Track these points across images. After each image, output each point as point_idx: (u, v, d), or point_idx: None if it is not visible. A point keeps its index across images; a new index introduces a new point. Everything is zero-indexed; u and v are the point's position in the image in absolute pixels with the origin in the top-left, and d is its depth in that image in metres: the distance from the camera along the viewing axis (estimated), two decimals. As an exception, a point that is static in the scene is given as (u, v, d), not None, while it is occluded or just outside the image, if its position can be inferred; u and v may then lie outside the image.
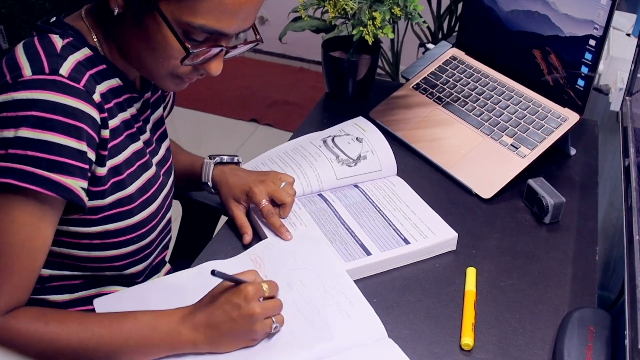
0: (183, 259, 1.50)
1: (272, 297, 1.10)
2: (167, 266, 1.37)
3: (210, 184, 1.38)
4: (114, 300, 1.14)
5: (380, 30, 1.52)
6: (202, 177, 1.39)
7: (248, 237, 1.30)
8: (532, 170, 1.48)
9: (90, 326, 1.03)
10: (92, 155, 1.04)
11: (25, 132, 0.97)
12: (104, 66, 1.10)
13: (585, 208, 1.45)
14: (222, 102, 3.62)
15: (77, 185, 1.01)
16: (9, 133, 0.98)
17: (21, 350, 1.01)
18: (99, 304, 1.13)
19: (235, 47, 1.11)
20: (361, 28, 1.53)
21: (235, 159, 1.42)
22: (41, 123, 0.98)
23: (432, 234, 1.30)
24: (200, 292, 1.12)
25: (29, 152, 0.97)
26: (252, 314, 1.05)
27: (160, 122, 1.29)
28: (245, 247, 1.29)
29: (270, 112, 3.57)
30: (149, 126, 1.23)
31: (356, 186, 1.43)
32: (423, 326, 1.16)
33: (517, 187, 1.47)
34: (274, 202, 1.32)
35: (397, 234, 1.30)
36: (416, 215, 1.35)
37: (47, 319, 1.02)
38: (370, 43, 1.54)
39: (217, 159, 1.40)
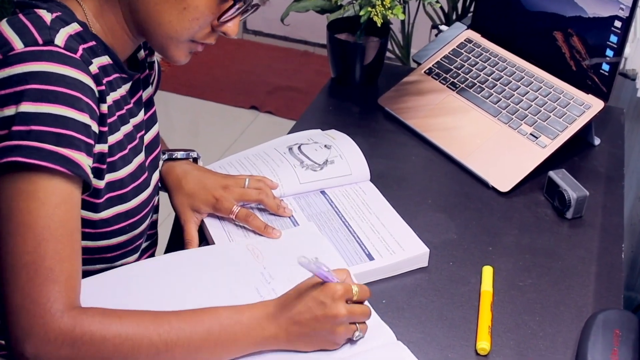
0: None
1: (360, 302, 1.08)
2: None
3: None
4: (95, 284, 1.11)
5: (390, 11, 1.51)
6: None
7: (194, 244, 1.27)
8: (553, 161, 1.48)
9: (168, 320, 1.01)
10: (96, 128, 1.04)
11: (27, 107, 0.97)
12: (94, 43, 1.10)
13: (610, 202, 1.45)
14: (221, 89, 3.62)
15: (85, 161, 1.01)
16: (10, 111, 0.98)
17: (96, 350, 0.97)
18: None
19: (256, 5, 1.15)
20: (369, 8, 1.52)
21: (192, 155, 1.38)
22: (42, 95, 0.98)
23: (400, 249, 1.26)
24: (187, 275, 1.13)
25: (33, 127, 0.97)
26: (337, 315, 1.03)
27: (151, 101, 1.29)
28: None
29: (271, 98, 3.57)
30: (141, 107, 1.23)
31: (323, 193, 1.40)
32: (436, 329, 1.15)
33: (537, 179, 1.47)
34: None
35: (362, 248, 1.27)
36: (385, 228, 1.31)
37: (120, 314, 1.00)
38: (379, 25, 1.53)
39: (166, 155, 1.35)
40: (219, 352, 1.03)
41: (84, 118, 1.01)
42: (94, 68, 1.05)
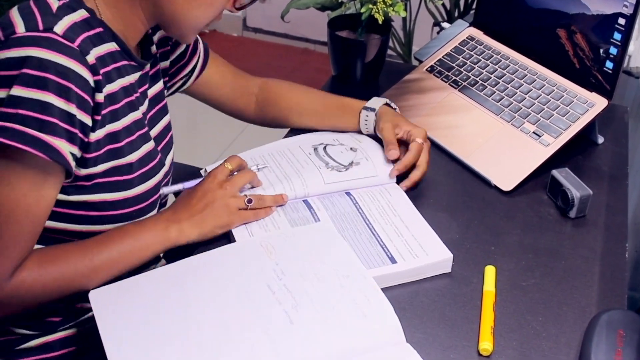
0: (179, 257, 1.50)
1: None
2: (162, 261, 1.39)
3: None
4: (111, 292, 1.15)
5: (392, 8, 1.51)
6: (362, 127, 1.51)
7: (395, 152, 1.41)
8: (556, 160, 1.48)
9: (90, 250, 1.16)
10: (85, 118, 1.08)
11: (17, 91, 1.02)
12: (101, 29, 1.14)
13: (614, 201, 1.45)
14: (220, 86, 3.62)
15: (66, 149, 1.06)
16: (2, 93, 1.03)
17: (40, 298, 1.14)
18: (95, 296, 1.14)
19: None
20: (370, 5, 1.52)
21: (392, 104, 1.52)
22: (33, 81, 1.03)
23: (424, 253, 1.26)
24: (202, 281, 1.15)
25: (20, 111, 1.02)
26: (215, 181, 1.26)
27: (160, 97, 1.33)
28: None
29: (271, 96, 3.56)
30: (146, 100, 1.27)
31: (348, 194, 1.39)
32: (438, 330, 1.15)
33: (540, 178, 1.47)
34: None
35: (385, 251, 1.26)
36: (409, 231, 1.30)
37: (50, 260, 1.13)
38: (380, 22, 1.53)
39: (373, 112, 1.49)
40: (136, 260, 1.20)
41: (69, 107, 1.05)
42: (91, 58, 1.09)
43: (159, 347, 1.06)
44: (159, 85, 1.32)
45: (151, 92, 1.29)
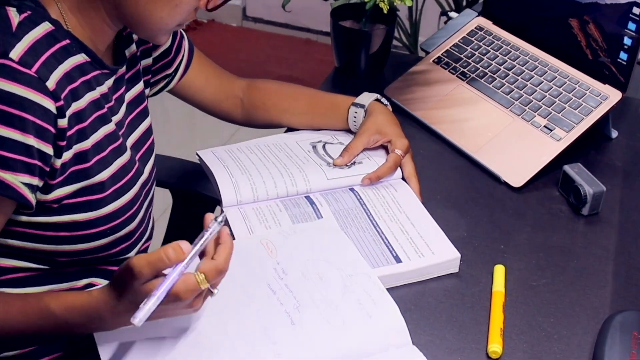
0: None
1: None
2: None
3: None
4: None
5: (397, -3, 1.51)
6: (350, 125, 1.50)
7: (340, 160, 1.41)
8: (568, 155, 1.48)
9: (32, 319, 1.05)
10: (45, 148, 1.04)
11: None
12: (68, 41, 1.10)
13: (629, 198, 1.44)
14: (219, 78, 3.62)
15: (18, 181, 1.02)
16: None
17: None
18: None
19: None
20: (375, -6, 1.52)
21: (383, 100, 1.50)
22: None
23: (430, 252, 1.25)
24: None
25: None
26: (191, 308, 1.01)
27: (140, 98, 1.29)
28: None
29: (272, 89, 3.56)
30: (122, 106, 1.23)
31: (352, 190, 1.39)
32: (445, 332, 1.15)
33: (552, 174, 1.47)
34: None
35: (389, 249, 1.26)
36: (415, 229, 1.30)
37: None
38: (385, 11, 1.53)
39: (362, 109, 1.48)
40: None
41: (25, 139, 1.01)
42: (51, 84, 1.04)
43: (156, 348, 1.06)
44: (139, 86, 1.29)
45: (129, 95, 1.26)
